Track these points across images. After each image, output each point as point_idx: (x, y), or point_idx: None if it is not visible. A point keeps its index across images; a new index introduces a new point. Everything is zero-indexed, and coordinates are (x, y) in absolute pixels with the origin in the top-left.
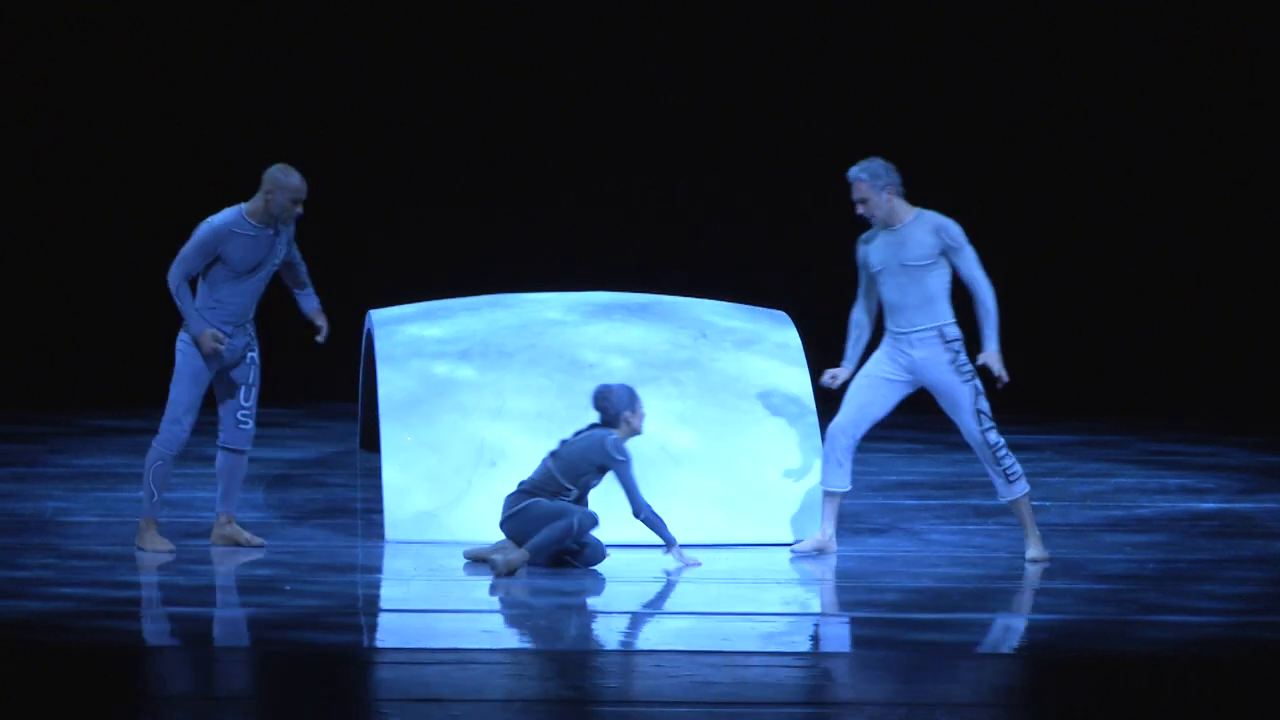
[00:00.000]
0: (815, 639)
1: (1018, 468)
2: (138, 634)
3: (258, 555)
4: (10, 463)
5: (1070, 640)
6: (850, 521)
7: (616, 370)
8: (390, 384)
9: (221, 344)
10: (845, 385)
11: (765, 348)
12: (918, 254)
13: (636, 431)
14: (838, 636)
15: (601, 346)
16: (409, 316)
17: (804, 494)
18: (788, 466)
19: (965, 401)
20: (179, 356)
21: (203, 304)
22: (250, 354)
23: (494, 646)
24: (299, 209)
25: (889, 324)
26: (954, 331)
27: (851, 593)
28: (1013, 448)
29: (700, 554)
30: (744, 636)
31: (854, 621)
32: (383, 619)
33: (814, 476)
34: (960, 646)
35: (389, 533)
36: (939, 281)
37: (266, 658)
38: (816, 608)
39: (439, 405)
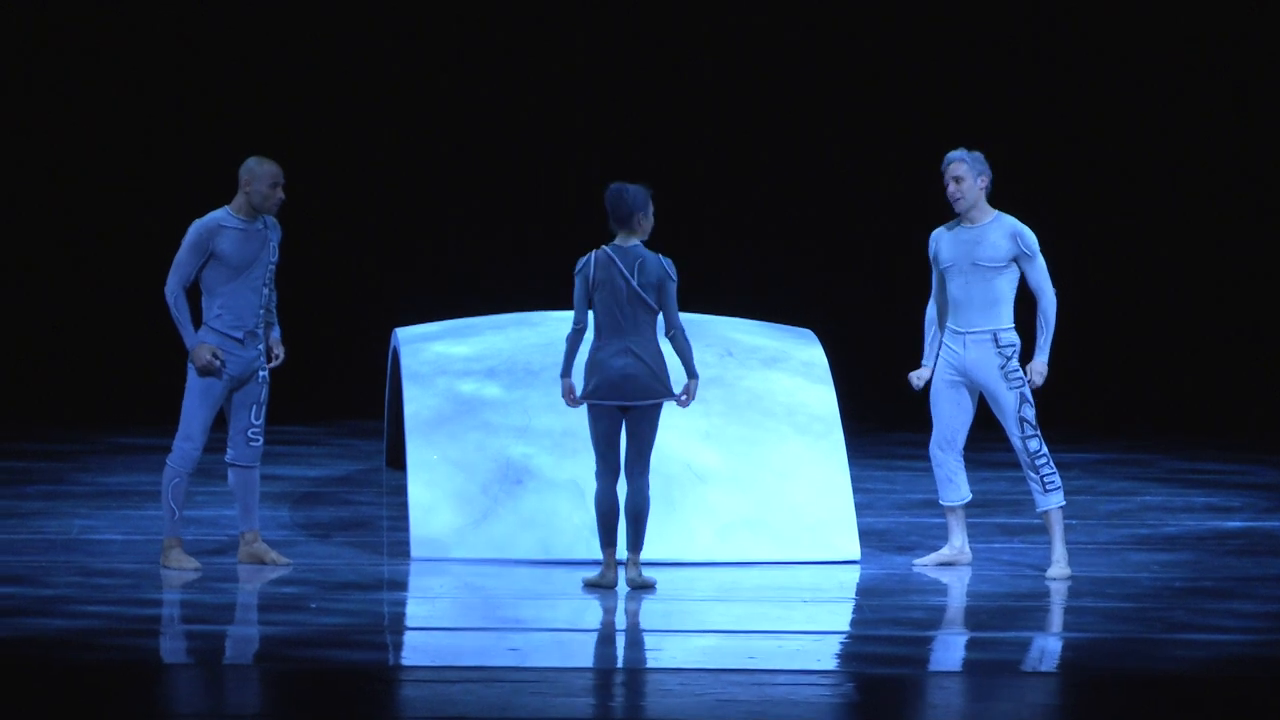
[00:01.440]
0: (841, 657)
1: (1057, 479)
2: (161, 652)
3: (283, 573)
4: (37, 481)
5: (1096, 658)
6: (876, 540)
7: None
8: (416, 402)
9: (218, 359)
10: (930, 385)
11: (791, 365)
12: (991, 255)
13: (645, 236)
14: (864, 655)
15: None
16: (435, 334)
17: (829, 512)
18: (813, 484)
19: (1009, 407)
20: (190, 373)
21: (209, 316)
22: (261, 371)
23: (520, 665)
24: (280, 193)
25: (949, 320)
26: (1008, 338)
27: (878, 611)
28: None
29: (726, 572)
30: (770, 655)
31: (880, 640)
32: (408, 637)
33: (840, 494)
34: (987, 665)
35: (415, 550)
36: (1006, 286)
37: (291, 676)
38: (843, 626)
39: (465, 423)
